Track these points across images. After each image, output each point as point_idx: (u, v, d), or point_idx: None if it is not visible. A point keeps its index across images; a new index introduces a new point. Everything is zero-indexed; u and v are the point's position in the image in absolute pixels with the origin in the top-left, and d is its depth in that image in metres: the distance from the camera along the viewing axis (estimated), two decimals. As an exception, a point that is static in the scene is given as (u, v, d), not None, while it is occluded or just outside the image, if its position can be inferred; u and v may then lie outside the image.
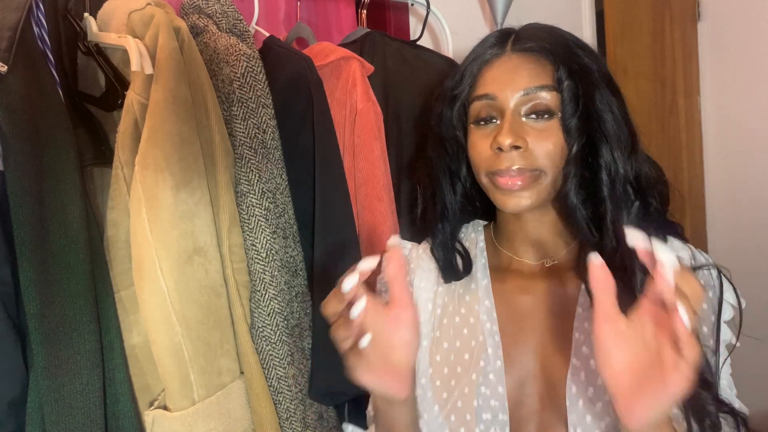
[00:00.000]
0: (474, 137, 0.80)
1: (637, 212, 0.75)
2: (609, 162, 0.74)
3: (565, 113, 0.74)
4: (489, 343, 0.79)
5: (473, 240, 0.89)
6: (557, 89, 0.74)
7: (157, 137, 0.78)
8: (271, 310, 0.86)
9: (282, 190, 0.90)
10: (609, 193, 0.74)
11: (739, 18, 2.36)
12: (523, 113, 0.76)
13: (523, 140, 0.74)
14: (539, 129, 0.75)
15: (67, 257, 0.74)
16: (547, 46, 0.76)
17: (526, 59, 0.77)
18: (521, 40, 0.79)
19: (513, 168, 0.74)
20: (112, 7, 0.88)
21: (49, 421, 0.72)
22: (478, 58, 0.80)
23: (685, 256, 0.77)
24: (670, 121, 2.30)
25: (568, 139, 0.74)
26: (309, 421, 0.90)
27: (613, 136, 0.75)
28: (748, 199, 2.36)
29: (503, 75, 0.77)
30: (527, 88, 0.75)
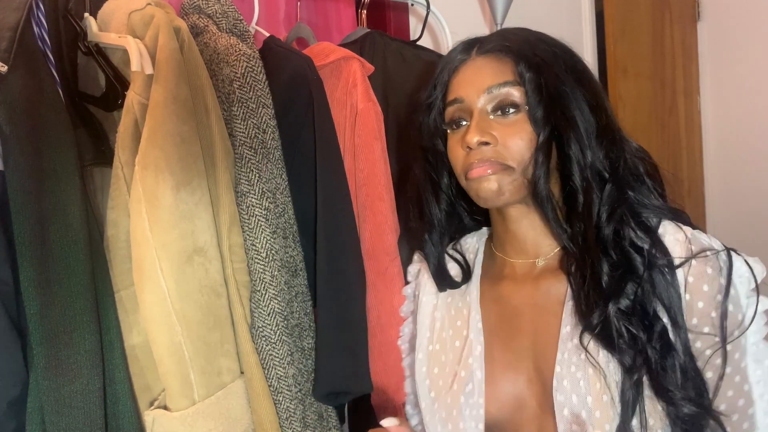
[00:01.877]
0: (450, 142, 0.81)
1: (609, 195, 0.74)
2: (575, 150, 0.75)
3: (530, 104, 0.76)
4: (473, 354, 0.80)
5: (474, 249, 0.90)
6: (520, 83, 0.76)
7: (158, 137, 0.78)
8: (271, 310, 0.87)
9: (282, 190, 0.90)
10: (579, 180, 0.75)
11: (739, 18, 2.36)
12: (490, 111, 0.77)
13: (490, 135, 0.75)
14: (507, 124, 0.76)
15: (67, 257, 0.74)
16: (506, 44, 0.78)
17: (488, 60, 0.79)
18: (484, 44, 0.81)
19: (482, 160, 0.76)
20: (112, 7, 0.88)
21: (49, 421, 0.72)
22: (447, 66, 0.82)
23: (680, 239, 0.75)
24: (670, 121, 2.30)
25: (536, 129, 0.75)
26: (309, 420, 0.90)
27: (579, 123, 0.75)
28: (748, 198, 2.36)
29: (468, 77, 0.79)
30: (490, 86, 0.77)
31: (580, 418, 0.72)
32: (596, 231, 0.74)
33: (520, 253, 0.84)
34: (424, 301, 0.89)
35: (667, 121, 2.29)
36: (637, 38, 2.15)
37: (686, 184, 2.35)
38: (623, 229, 0.74)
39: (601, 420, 0.71)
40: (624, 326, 0.70)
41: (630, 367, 0.69)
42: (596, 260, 0.73)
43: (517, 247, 0.84)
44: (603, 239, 0.74)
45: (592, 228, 0.74)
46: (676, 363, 0.69)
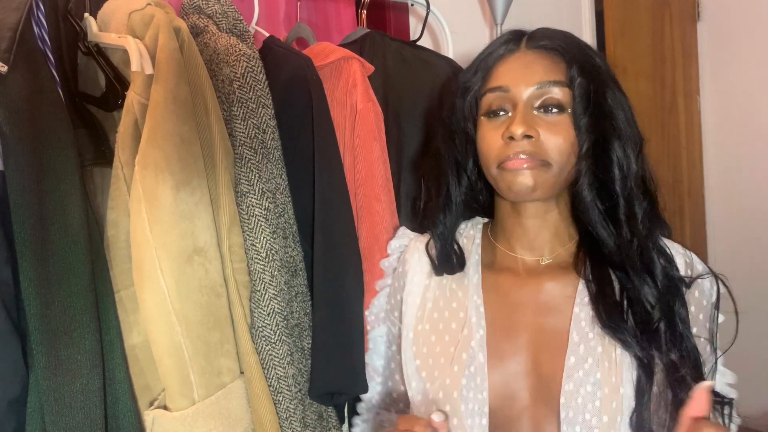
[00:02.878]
0: (484, 129, 0.81)
1: (647, 209, 0.78)
2: (621, 158, 0.77)
3: (576, 110, 0.76)
4: (474, 336, 0.81)
5: (471, 236, 0.90)
6: (569, 86, 0.77)
7: (157, 137, 0.78)
8: (270, 310, 0.87)
9: (282, 190, 0.90)
10: (621, 188, 0.77)
11: (739, 18, 2.36)
12: (535, 106, 0.78)
13: (534, 130, 0.76)
14: (550, 122, 0.77)
15: (67, 257, 0.74)
16: (562, 44, 0.79)
17: (540, 55, 0.79)
18: (535, 39, 0.81)
19: (521, 156, 0.76)
20: (112, 7, 0.89)
21: (49, 421, 0.72)
22: (493, 53, 0.82)
23: (681, 263, 0.80)
24: (669, 121, 2.30)
25: (579, 136, 0.77)
26: (309, 421, 0.90)
27: (625, 133, 0.78)
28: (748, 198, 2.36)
29: (518, 69, 0.79)
30: (541, 82, 0.77)
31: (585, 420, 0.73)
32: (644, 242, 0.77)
33: (527, 249, 0.84)
34: (415, 280, 0.89)
35: (667, 121, 2.29)
36: (637, 38, 2.15)
37: (686, 184, 2.35)
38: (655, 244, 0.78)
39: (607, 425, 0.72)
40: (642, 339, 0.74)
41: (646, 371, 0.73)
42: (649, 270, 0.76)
43: (525, 242, 0.84)
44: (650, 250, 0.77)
45: (643, 238, 0.77)
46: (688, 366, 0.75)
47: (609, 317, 0.75)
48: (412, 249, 0.92)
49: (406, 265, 0.91)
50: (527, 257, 0.84)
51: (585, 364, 0.75)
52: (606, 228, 0.78)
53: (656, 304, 0.75)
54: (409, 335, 0.86)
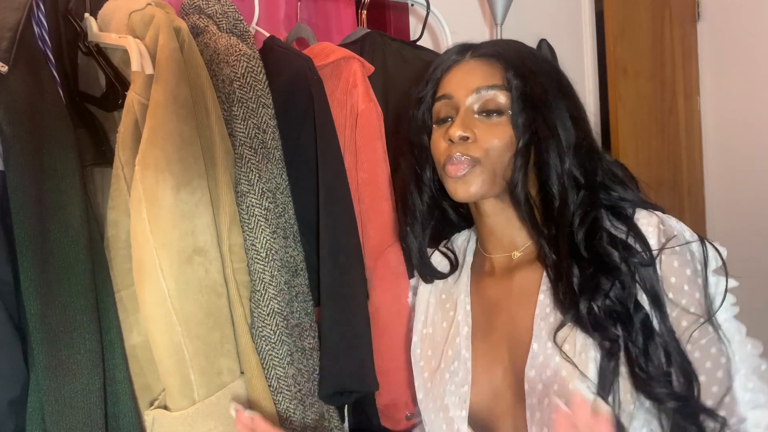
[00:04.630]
0: (434, 136, 0.86)
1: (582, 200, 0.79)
2: (554, 156, 0.79)
3: (514, 110, 0.80)
4: (459, 333, 0.84)
5: (463, 245, 0.95)
6: (507, 89, 0.80)
7: (158, 137, 0.78)
8: (270, 310, 0.87)
9: (282, 189, 0.90)
10: (553, 185, 0.79)
11: (739, 18, 2.36)
12: (475, 110, 0.82)
13: (471, 132, 0.79)
14: (489, 125, 0.81)
15: (68, 257, 0.74)
16: (500, 51, 0.84)
17: (480, 63, 0.84)
18: (479, 48, 0.86)
19: (456, 154, 0.80)
20: (112, 7, 0.89)
21: (50, 421, 0.72)
22: (441, 65, 0.87)
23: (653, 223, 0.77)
24: (670, 121, 2.30)
25: (516, 134, 0.80)
26: (308, 421, 0.90)
27: (560, 132, 0.80)
28: (748, 198, 2.36)
29: (459, 77, 0.84)
30: (479, 87, 0.81)
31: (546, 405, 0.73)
32: (569, 234, 0.78)
33: (498, 248, 0.87)
34: (421, 289, 0.94)
35: (667, 121, 2.29)
36: (637, 38, 2.14)
37: (686, 184, 2.35)
38: (598, 230, 0.78)
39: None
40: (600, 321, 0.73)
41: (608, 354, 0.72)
42: (568, 262, 0.76)
43: (495, 242, 0.87)
44: (576, 242, 0.77)
45: (565, 231, 0.78)
46: (659, 347, 0.72)
47: (565, 301, 0.75)
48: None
49: (418, 279, 0.96)
50: (499, 255, 0.87)
51: (546, 349, 0.76)
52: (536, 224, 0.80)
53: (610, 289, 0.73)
54: (414, 338, 0.91)
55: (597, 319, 0.73)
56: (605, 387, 0.71)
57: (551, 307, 0.78)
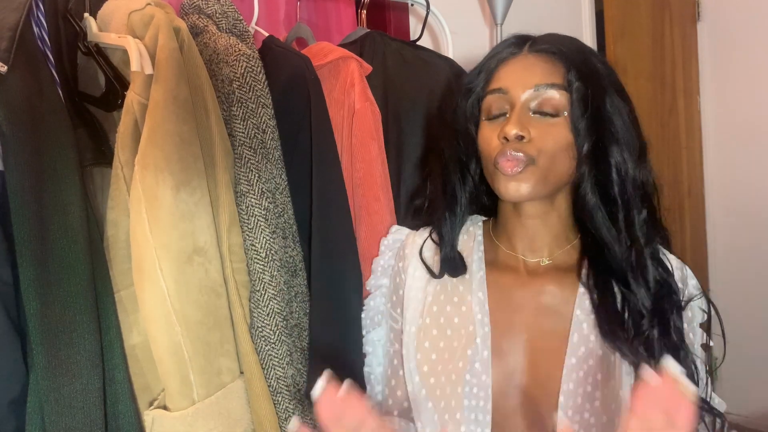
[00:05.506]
0: (485, 130, 0.82)
1: (646, 218, 0.78)
2: (619, 162, 0.77)
3: (574, 113, 0.77)
4: (478, 333, 0.81)
5: (471, 233, 0.91)
6: (567, 89, 0.77)
7: (157, 137, 0.78)
8: (270, 310, 0.87)
9: (281, 190, 0.90)
10: (620, 193, 0.77)
11: (739, 18, 2.36)
12: (532, 108, 0.78)
13: (527, 131, 0.76)
14: (545, 124, 0.78)
15: (67, 257, 0.74)
16: (562, 48, 0.80)
17: (540, 59, 0.80)
18: (538, 43, 0.82)
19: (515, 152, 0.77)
20: (112, 7, 0.88)
21: (49, 421, 0.72)
22: (496, 55, 0.83)
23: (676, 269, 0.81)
24: (670, 121, 2.30)
25: (578, 139, 0.77)
26: (308, 421, 0.90)
27: (623, 138, 0.78)
28: (748, 198, 2.36)
29: (517, 71, 0.80)
30: (538, 85, 0.78)
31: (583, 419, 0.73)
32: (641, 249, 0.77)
33: (528, 250, 0.85)
34: (417, 275, 0.89)
35: (667, 121, 2.29)
36: (637, 38, 2.15)
37: (686, 184, 2.35)
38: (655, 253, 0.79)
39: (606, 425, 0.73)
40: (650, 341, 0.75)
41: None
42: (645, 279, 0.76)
43: (526, 243, 0.85)
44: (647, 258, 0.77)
45: (640, 245, 0.77)
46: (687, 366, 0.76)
47: (610, 327, 0.76)
48: (411, 244, 0.92)
49: (405, 260, 0.91)
50: (528, 258, 0.85)
51: (585, 365, 0.76)
52: (610, 231, 0.78)
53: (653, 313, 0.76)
54: (411, 330, 0.86)
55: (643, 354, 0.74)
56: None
57: (588, 324, 0.78)
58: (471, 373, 0.79)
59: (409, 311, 0.88)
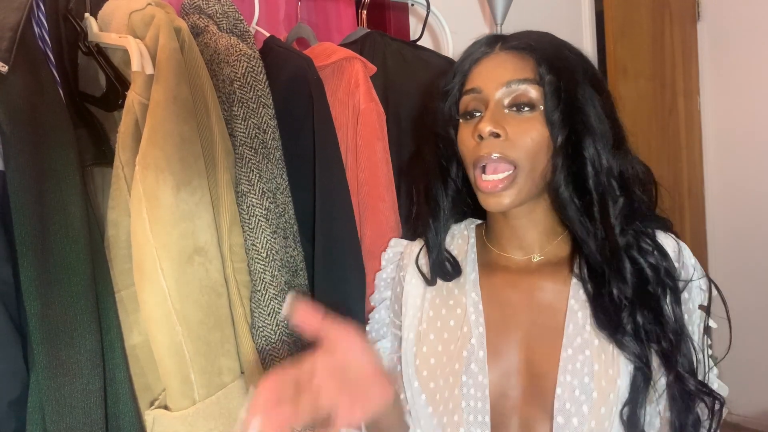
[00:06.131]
0: (462, 131, 0.83)
1: (622, 207, 0.78)
2: (593, 154, 0.77)
3: (548, 106, 0.77)
4: (473, 333, 0.81)
5: (465, 237, 0.91)
6: (539, 83, 0.78)
7: (158, 137, 0.78)
8: (271, 310, 0.87)
9: (282, 189, 0.90)
10: (594, 184, 0.77)
11: (739, 18, 2.36)
12: (505, 105, 0.79)
13: (502, 128, 0.77)
14: (520, 120, 0.78)
15: (68, 257, 0.74)
16: (531, 43, 0.80)
17: (511, 56, 0.81)
18: (509, 40, 0.82)
19: (492, 155, 0.77)
20: (112, 7, 0.88)
21: (50, 421, 0.72)
22: (469, 56, 0.84)
23: (671, 251, 0.80)
24: (670, 121, 2.31)
25: (552, 131, 0.77)
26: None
27: (597, 129, 0.78)
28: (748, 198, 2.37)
29: (489, 70, 0.81)
30: (510, 81, 0.78)
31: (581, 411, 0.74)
32: (614, 241, 0.77)
33: (518, 249, 0.85)
34: (414, 282, 0.90)
35: (667, 121, 2.29)
36: (637, 38, 2.15)
37: (686, 184, 2.35)
38: (637, 240, 0.78)
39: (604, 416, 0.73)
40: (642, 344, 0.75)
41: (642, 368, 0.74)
42: (620, 271, 0.76)
43: (515, 243, 0.85)
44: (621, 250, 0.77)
45: (613, 236, 0.77)
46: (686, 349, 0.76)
47: (606, 318, 0.76)
48: (409, 253, 0.93)
49: (403, 270, 0.92)
50: (518, 256, 0.85)
51: (581, 355, 0.76)
52: (584, 224, 0.78)
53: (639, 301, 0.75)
54: (409, 336, 0.87)
55: (639, 343, 0.74)
56: (637, 400, 0.74)
57: (583, 314, 0.78)
58: (467, 374, 0.79)
59: (407, 318, 0.88)
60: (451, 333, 0.84)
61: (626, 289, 0.76)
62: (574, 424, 0.74)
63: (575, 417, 0.74)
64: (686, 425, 0.75)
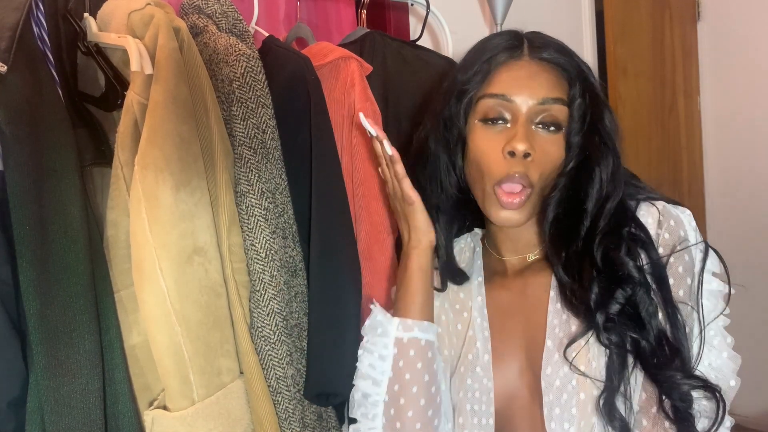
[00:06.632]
0: (480, 135, 0.79)
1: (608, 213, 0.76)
2: (604, 180, 0.76)
3: (571, 129, 0.76)
4: (478, 337, 0.82)
5: (469, 244, 0.93)
6: (568, 105, 0.77)
7: (157, 137, 0.78)
8: (270, 310, 0.87)
9: (281, 190, 0.90)
10: (593, 207, 0.76)
11: (739, 18, 2.36)
12: (535, 121, 0.77)
13: (533, 148, 0.75)
14: (546, 139, 0.77)
15: (67, 257, 0.74)
16: (563, 60, 0.78)
17: (544, 68, 0.78)
18: (537, 48, 0.79)
19: (519, 174, 0.75)
20: (111, 7, 0.88)
21: (49, 421, 0.72)
22: (493, 57, 0.80)
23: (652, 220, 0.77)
24: (670, 120, 2.31)
25: (569, 154, 0.76)
26: (308, 421, 0.90)
27: (611, 155, 0.77)
28: (748, 198, 2.36)
29: (522, 79, 0.78)
30: (545, 98, 0.76)
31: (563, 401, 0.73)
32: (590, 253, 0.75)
33: (512, 251, 0.86)
34: None
35: (667, 121, 2.29)
36: (637, 38, 2.15)
37: (686, 184, 2.35)
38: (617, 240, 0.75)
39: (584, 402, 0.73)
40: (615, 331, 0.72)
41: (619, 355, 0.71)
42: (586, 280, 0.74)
43: (510, 246, 0.86)
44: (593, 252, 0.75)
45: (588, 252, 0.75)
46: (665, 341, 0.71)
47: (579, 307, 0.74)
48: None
49: None
50: (513, 258, 0.86)
51: (561, 346, 0.75)
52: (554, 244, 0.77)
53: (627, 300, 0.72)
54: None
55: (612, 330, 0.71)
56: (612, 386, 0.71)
57: (562, 304, 0.77)
58: (472, 378, 0.80)
59: None
60: (457, 337, 0.84)
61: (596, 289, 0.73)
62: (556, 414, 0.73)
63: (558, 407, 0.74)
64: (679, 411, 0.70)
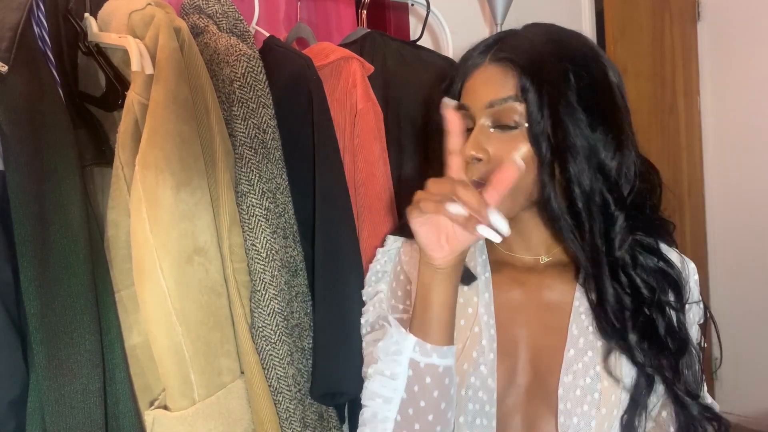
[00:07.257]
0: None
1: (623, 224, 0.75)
2: (576, 173, 0.73)
3: (531, 122, 0.74)
4: (484, 335, 0.81)
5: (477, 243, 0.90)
6: (522, 99, 0.74)
7: (158, 137, 0.78)
8: (271, 310, 0.87)
9: (282, 190, 0.90)
10: (583, 204, 0.74)
11: (739, 18, 2.36)
12: (490, 124, 0.76)
13: (483, 151, 0.75)
14: (504, 140, 0.75)
15: (68, 257, 0.74)
16: (517, 53, 0.76)
17: (496, 70, 0.77)
18: (500, 50, 0.78)
19: (476, 179, 0.75)
20: (112, 7, 0.88)
21: (50, 421, 0.72)
22: (466, 64, 0.81)
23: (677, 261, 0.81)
24: (670, 121, 2.31)
25: (537, 149, 0.74)
26: (309, 421, 0.90)
27: (579, 147, 0.73)
28: (748, 198, 2.36)
29: (476, 87, 0.79)
30: (492, 101, 0.76)
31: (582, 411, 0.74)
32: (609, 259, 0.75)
33: (525, 250, 0.85)
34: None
35: (667, 121, 2.29)
36: (637, 38, 2.15)
37: (686, 184, 2.35)
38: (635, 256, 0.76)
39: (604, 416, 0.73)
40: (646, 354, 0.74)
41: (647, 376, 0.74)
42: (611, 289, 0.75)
43: (522, 244, 0.85)
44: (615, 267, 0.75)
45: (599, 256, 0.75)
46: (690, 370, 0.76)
47: (608, 326, 0.75)
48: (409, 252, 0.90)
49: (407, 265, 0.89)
50: (525, 257, 0.85)
51: (584, 356, 0.76)
52: (573, 242, 0.76)
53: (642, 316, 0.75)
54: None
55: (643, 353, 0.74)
56: (637, 406, 0.74)
57: (587, 316, 0.78)
58: (475, 376, 0.79)
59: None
60: (460, 332, 0.82)
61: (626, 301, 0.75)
62: (574, 423, 0.74)
63: (576, 417, 0.74)
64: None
